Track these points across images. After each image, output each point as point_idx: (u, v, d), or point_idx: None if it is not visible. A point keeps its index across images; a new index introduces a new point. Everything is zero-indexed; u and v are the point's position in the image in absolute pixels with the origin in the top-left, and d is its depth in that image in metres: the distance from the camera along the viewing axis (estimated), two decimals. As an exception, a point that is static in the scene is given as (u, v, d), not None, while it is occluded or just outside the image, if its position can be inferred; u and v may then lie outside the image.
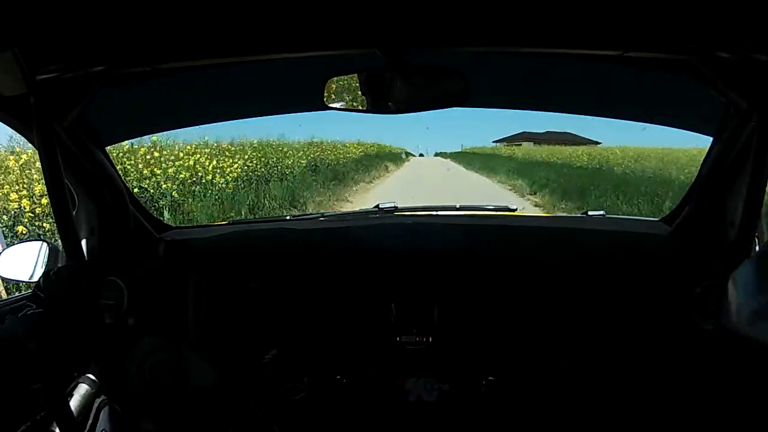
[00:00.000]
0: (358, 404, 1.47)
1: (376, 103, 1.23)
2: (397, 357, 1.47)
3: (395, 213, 1.77)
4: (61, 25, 0.91)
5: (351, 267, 1.55)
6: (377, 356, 1.48)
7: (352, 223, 1.80)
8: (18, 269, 1.44)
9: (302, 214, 2.16)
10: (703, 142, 1.37)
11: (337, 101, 1.27)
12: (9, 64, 0.91)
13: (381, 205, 1.79)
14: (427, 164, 28.82)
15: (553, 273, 1.48)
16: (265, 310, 1.47)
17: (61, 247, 1.39)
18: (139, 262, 1.42)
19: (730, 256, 1.14)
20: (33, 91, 0.97)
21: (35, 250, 1.45)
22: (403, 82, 1.17)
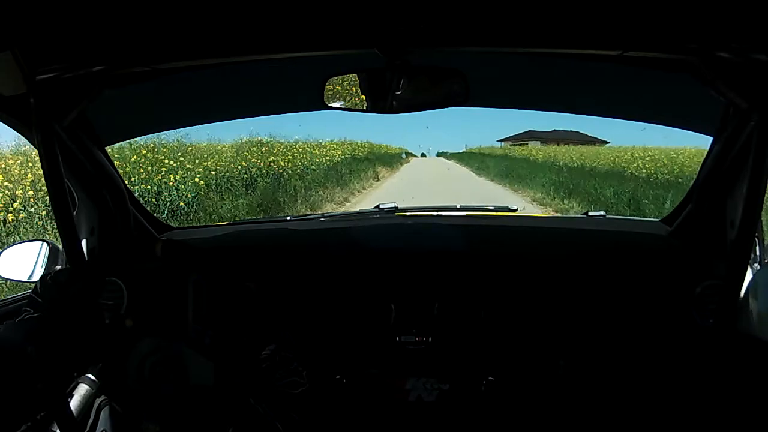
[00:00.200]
0: (358, 404, 1.47)
1: (376, 103, 1.23)
2: (397, 357, 1.47)
3: (396, 213, 1.77)
4: (61, 25, 0.91)
5: (351, 267, 1.55)
6: (377, 356, 1.48)
7: (353, 224, 1.80)
8: (18, 269, 1.44)
9: (303, 214, 2.16)
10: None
11: (337, 101, 1.27)
12: (9, 64, 0.91)
13: (381, 206, 1.80)
14: (429, 168, 23.91)
15: (554, 273, 1.48)
16: (265, 310, 1.47)
17: (61, 247, 1.40)
18: (139, 262, 1.42)
19: (730, 256, 1.14)
20: (33, 91, 0.96)
21: (35, 249, 1.45)
22: (403, 82, 1.17)
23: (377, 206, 1.81)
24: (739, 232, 1.04)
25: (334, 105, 1.27)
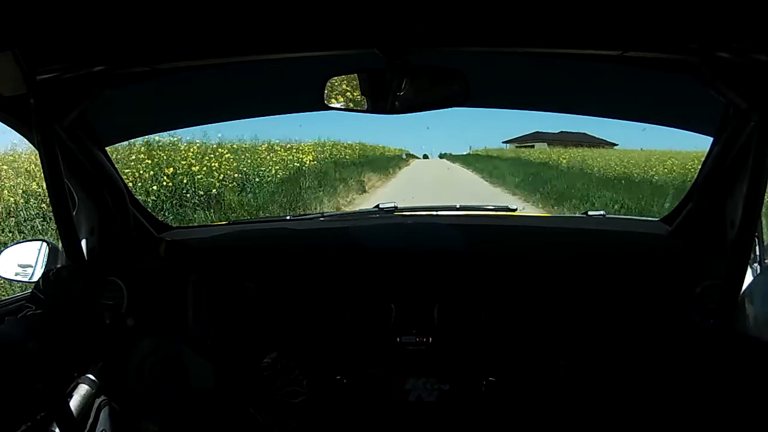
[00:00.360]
0: (358, 404, 1.47)
1: (376, 103, 1.23)
2: (397, 357, 1.47)
3: (395, 213, 1.77)
4: (61, 25, 0.91)
5: (351, 267, 1.55)
6: (377, 356, 1.48)
7: (352, 223, 1.80)
8: (18, 269, 1.44)
9: (302, 214, 2.17)
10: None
11: (338, 101, 1.27)
12: (9, 64, 0.91)
13: (381, 205, 1.80)
14: (431, 172, 20.92)
15: (554, 273, 1.48)
16: (265, 310, 1.47)
17: (61, 247, 1.40)
18: (139, 262, 1.42)
19: (730, 256, 1.14)
20: (33, 91, 0.96)
21: (35, 249, 1.45)
22: (404, 83, 1.17)
23: (377, 206, 1.81)
24: (739, 232, 1.04)
25: (335, 105, 1.27)
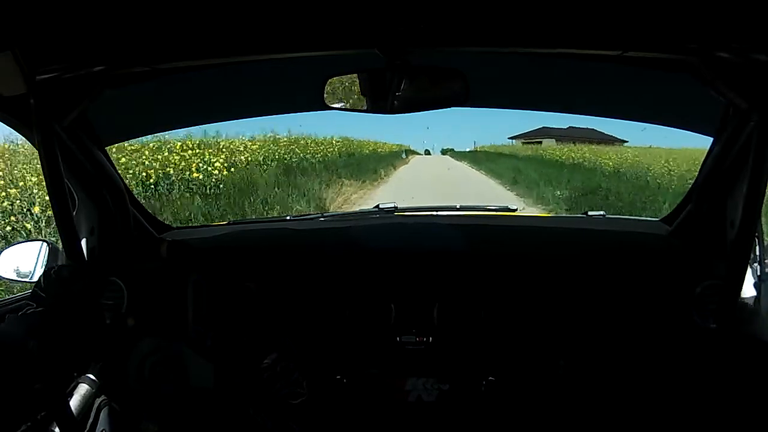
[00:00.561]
0: (358, 404, 1.47)
1: (376, 103, 1.23)
2: (397, 357, 1.47)
3: (395, 213, 1.77)
4: (61, 25, 0.91)
5: (351, 267, 1.55)
6: (377, 356, 1.48)
7: (353, 223, 1.80)
8: (18, 269, 1.44)
9: (302, 214, 2.17)
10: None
11: (338, 101, 1.27)
12: (9, 64, 0.91)
13: (381, 206, 1.79)
14: (432, 173, 18.00)
15: (553, 273, 1.48)
16: (265, 310, 1.47)
17: (61, 247, 1.40)
18: (139, 262, 1.42)
19: (730, 256, 1.14)
20: (33, 91, 0.96)
21: (35, 249, 1.45)
22: (404, 82, 1.17)
23: (377, 206, 1.81)
24: (739, 232, 1.05)
25: (335, 105, 1.27)
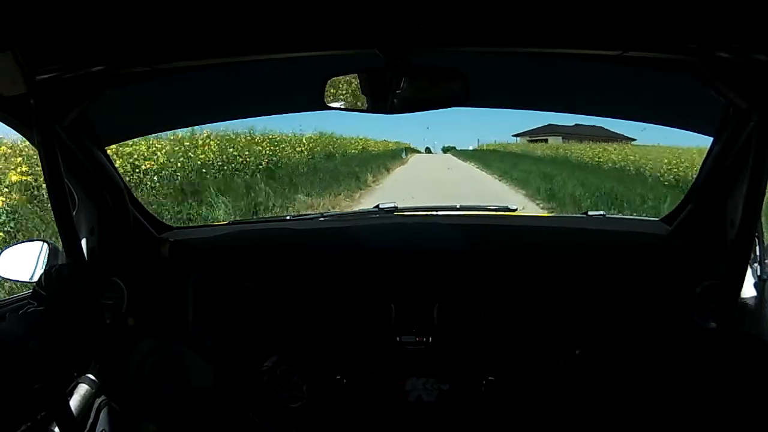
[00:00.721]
0: (358, 404, 1.47)
1: (376, 103, 1.23)
2: (397, 357, 1.47)
3: (395, 213, 1.77)
4: (61, 25, 0.91)
5: (351, 267, 1.55)
6: (377, 356, 1.48)
7: (353, 223, 1.80)
8: (18, 269, 1.44)
9: (302, 214, 2.17)
10: None
11: (338, 101, 1.27)
12: (9, 64, 0.91)
13: (381, 205, 1.79)
14: (433, 176, 15.99)
15: (554, 273, 1.48)
16: (265, 309, 1.47)
17: (61, 247, 1.40)
18: (139, 262, 1.42)
19: (730, 256, 1.14)
20: (33, 91, 0.96)
21: (35, 250, 1.45)
22: (404, 82, 1.17)
23: (377, 206, 1.81)
24: (739, 232, 1.05)
25: (335, 105, 1.27)
